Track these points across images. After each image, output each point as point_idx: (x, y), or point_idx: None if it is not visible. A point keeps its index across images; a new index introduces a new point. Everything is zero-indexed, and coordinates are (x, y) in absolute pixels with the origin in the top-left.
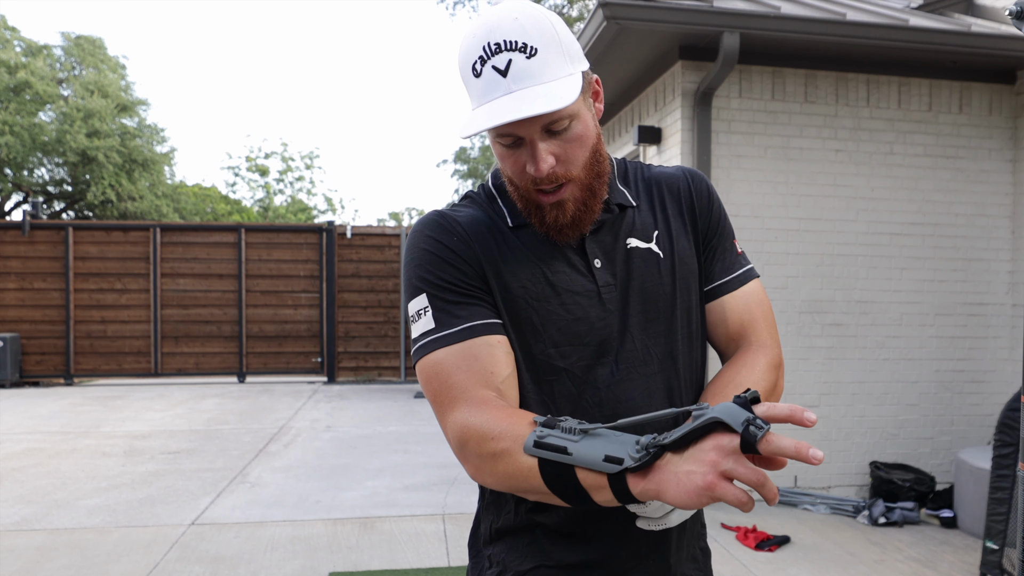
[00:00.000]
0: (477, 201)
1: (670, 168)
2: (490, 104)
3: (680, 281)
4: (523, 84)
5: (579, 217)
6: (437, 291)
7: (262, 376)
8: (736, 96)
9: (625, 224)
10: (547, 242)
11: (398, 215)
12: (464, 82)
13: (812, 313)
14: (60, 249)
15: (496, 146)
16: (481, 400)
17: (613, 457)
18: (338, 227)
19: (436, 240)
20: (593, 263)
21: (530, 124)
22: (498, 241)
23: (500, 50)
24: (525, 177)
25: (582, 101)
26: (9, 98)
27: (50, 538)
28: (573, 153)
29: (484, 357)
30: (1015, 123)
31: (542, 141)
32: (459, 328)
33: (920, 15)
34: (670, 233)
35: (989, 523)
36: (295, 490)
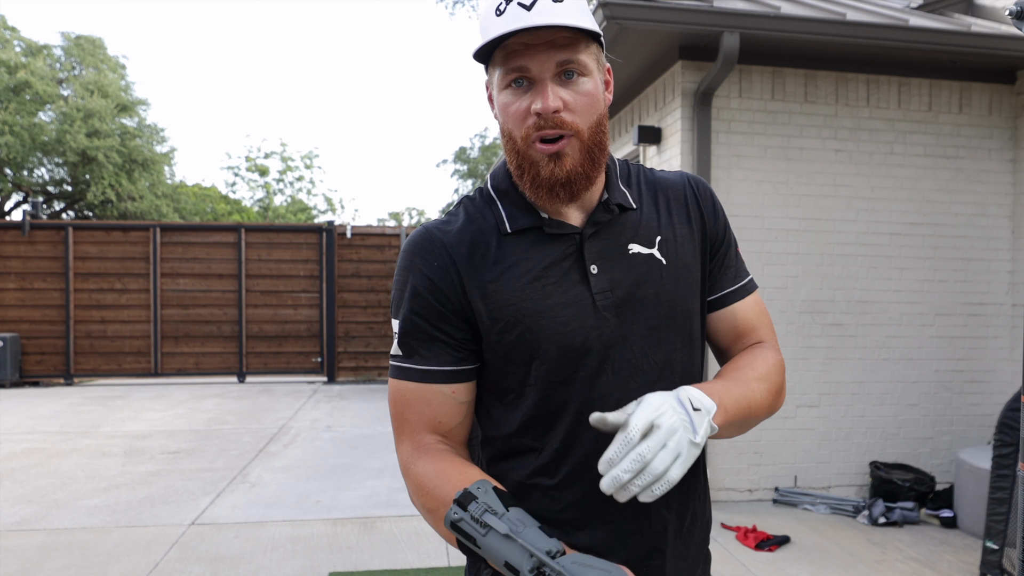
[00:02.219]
0: (473, 206)
1: (672, 173)
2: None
3: (682, 289)
4: (545, 19)
5: (575, 177)
6: (409, 325)
7: (262, 376)
8: (736, 96)
9: (627, 228)
10: (542, 247)
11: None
12: (483, 30)
13: (812, 313)
14: (60, 249)
15: (502, 96)
16: (425, 447)
17: (511, 566)
18: (338, 227)
19: (418, 268)
20: (590, 269)
21: (544, 58)
22: (489, 254)
23: None
24: (527, 121)
25: (596, 68)
26: (9, 98)
27: (50, 538)
28: (581, 106)
29: (437, 404)
30: (1015, 123)
31: (553, 84)
32: (420, 368)
33: (920, 15)
34: (675, 239)
35: (989, 523)
36: (295, 490)
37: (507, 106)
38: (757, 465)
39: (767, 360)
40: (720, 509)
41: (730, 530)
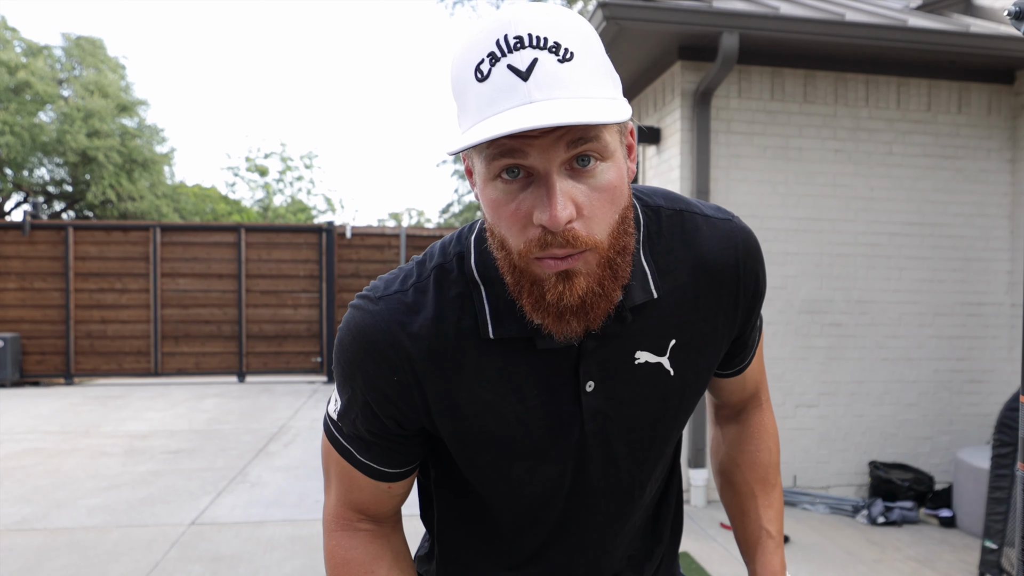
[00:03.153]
0: (448, 289)
1: (721, 239)
2: (500, 116)
3: (686, 402)
4: (551, 94)
5: (590, 301)
6: (362, 415)
7: (262, 376)
8: (735, 96)
9: (636, 330)
10: (530, 360)
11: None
12: (458, 95)
13: (811, 313)
14: (60, 249)
15: (489, 189)
16: (345, 523)
17: None
18: (338, 227)
19: (372, 378)
20: (585, 387)
21: (550, 147)
22: (463, 366)
23: (521, 45)
24: (527, 232)
25: (619, 144)
26: (9, 98)
27: (50, 538)
28: (600, 208)
29: (367, 492)
30: (1014, 123)
31: (561, 180)
32: (358, 458)
33: (919, 15)
34: (692, 342)
35: (988, 522)
36: (295, 490)
37: (497, 204)
38: None
39: (772, 448)
40: (720, 509)
41: (729, 530)
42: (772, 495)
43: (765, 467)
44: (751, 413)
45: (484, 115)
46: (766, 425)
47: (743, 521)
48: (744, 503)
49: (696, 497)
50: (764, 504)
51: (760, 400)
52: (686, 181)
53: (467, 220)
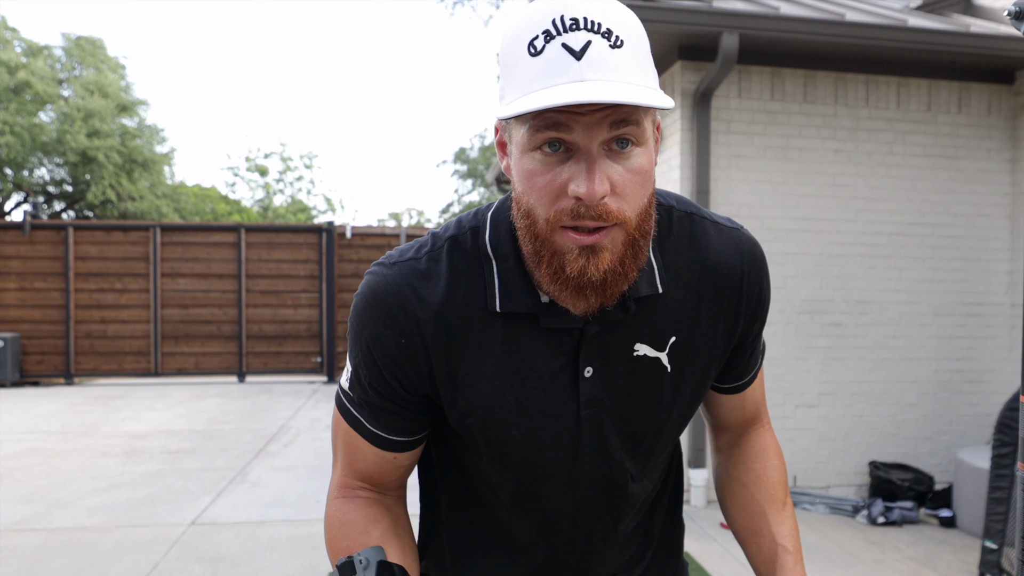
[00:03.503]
0: (461, 261)
1: (728, 245)
2: (553, 89)
3: (681, 402)
4: (601, 75)
5: (611, 279)
6: (361, 391)
7: (262, 376)
8: (735, 96)
9: (638, 321)
10: (534, 338)
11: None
12: (508, 66)
13: (811, 313)
14: (60, 249)
15: (527, 159)
16: (348, 490)
17: None
18: (338, 227)
19: (382, 338)
20: (583, 372)
21: (595, 125)
22: (469, 338)
23: (577, 27)
24: (558, 203)
25: (652, 133)
26: (9, 98)
27: (50, 538)
28: (631, 189)
29: (373, 462)
30: (1014, 123)
31: (600, 158)
32: (366, 426)
33: (919, 15)
34: (692, 342)
35: (988, 523)
36: (295, 490)
37: (532, 175)
38: None
39: (778, 466)
40: (719, 509)
41: (729, 530)
42: (784, 512)
43: (773, 484)
44: (753, 434)
45: (535, 87)
46: (770, 444)
47: (757, 541)
48: (756, 523)
49: (696, 497)
50: (777, 521)
51: (762, 422)
52: (686, 181)
53: None
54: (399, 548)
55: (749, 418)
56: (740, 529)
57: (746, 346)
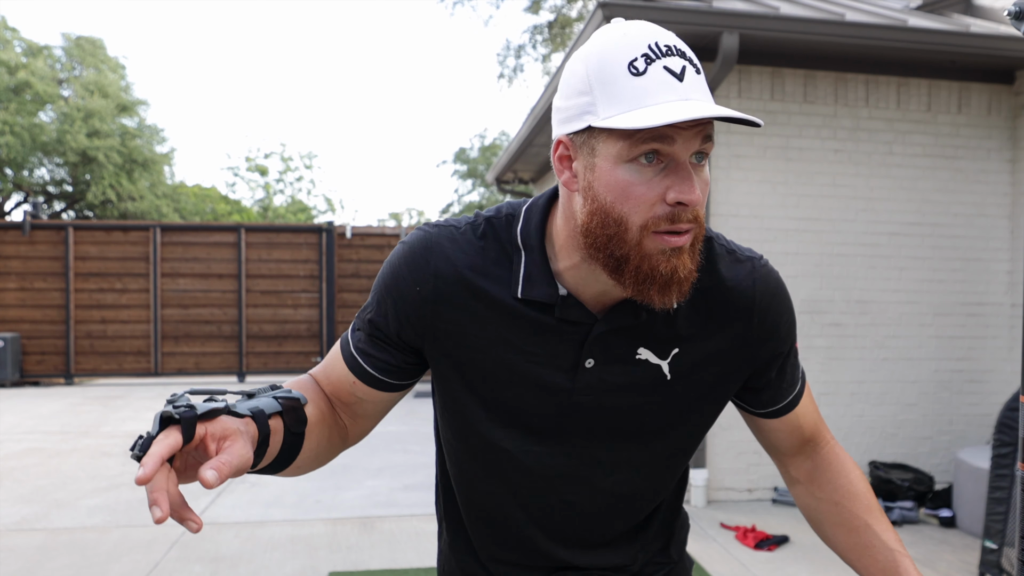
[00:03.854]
0: (496, 245)
1: (741, 272)
2: (666, 105)
3: (679, 410)
4: (699, 96)
5: (690, 276)
6: (373, 318)
7: (262, 376)
8: (735, 96)
9: (645, 329)
10: (544, 323)
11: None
12: (604, 84)
13: (811, 313)
14: (60, 249)
15: (621, 169)
16: (312, 379)
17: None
18: (338, 227)
19: (398, 279)
20: (584, 362)
21: (690, 139)
22: (480, 306)
23: (672, 53)
24: (655, 211)
25: None
26: (9, 98)
27: (50, 538)
28: (704, 196)
29: (336, 376)
30: (1014, 123)
31: (692, 169)
32: (354, 354)
33: (919, 15)
34: (696, 356)
35: (988, 523)
36: (295, 489)
37: (630, 185)
38: (757, 465)
39: (861, 476)
40: (720, 509)
41: (729, 530)
42: (884, 519)
43: (865, 495)
44: (824, 452)
45: (644, 103)
46: (845, 459)
47: (871, 554)
48: (863, 537)
49: (696, 497)
50: (882, 529)
51: (826, 437)
52: None
53: None
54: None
55: (808, 438)
56: (848, 547)
57: (768, 373)
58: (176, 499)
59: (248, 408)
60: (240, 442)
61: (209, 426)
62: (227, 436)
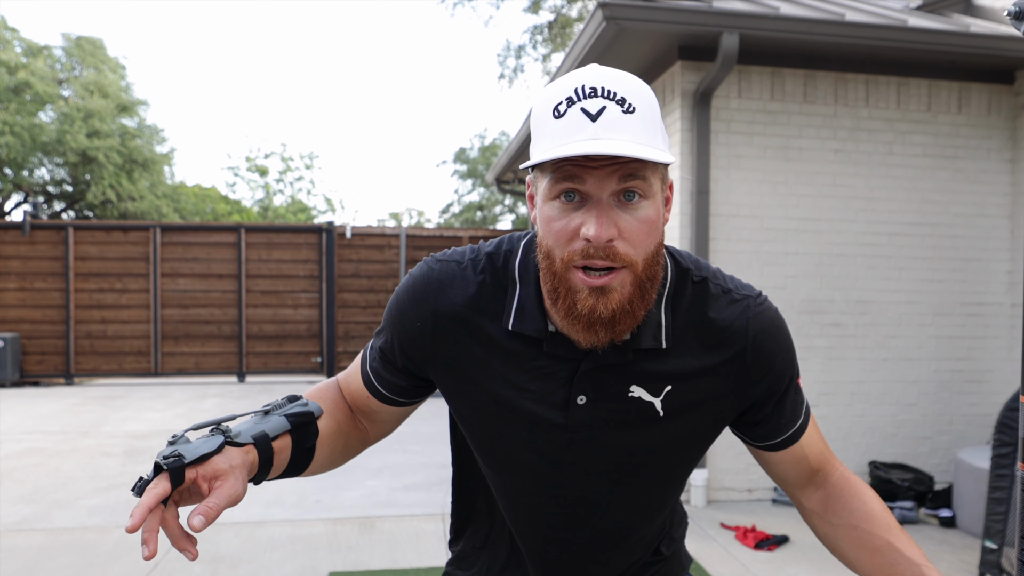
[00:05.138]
0: (491, 280)
1: (735, 311)
2: (569, 145)
3: (672, 447)
4: (612, 135)
5: (620, 316)
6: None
7: (262, 376)
8: (735, 96)
9: (637, 368)
10: (535, 358)
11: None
12: (536, 127)
13: (811, 313)
14: (60, 249)
15: (547, 207)
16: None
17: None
18: (338, 227)
19: (402, 314)
20: (576, 399)
21: (605, 178)
22: (477, 343)
23: (595, 95)
24: (572, 246)
25: (660, 188)
26: (9, 98)
27: (50, 538)
28: (638, 236)
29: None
30: (1014, 123)
31: (609, 207)
32: (368, 374)
33: (919, 15)
34: (690, 395)
35: (988, 523)
36: (295, 489)
37: (551, 220)
38: (756, 465)
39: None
40: (720, 509)
41: (729, 530)
42: (904, 536)
43: (882, 514)
44: (835, 478)
45: (555, 144)
46: (855, 481)
47: (899, 571)
48: (888, 556)
49: (696, 497)
50: (905, 546)
51: (835, 465)
52: (686, 181)
53: (467, 220)
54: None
55: (816, 469)
56: (874, 568)
57: (764, 409)
58: (175, 531)
59: (252, 435)
60: (230, 481)
61: (200, 469)
62: (218, 476)
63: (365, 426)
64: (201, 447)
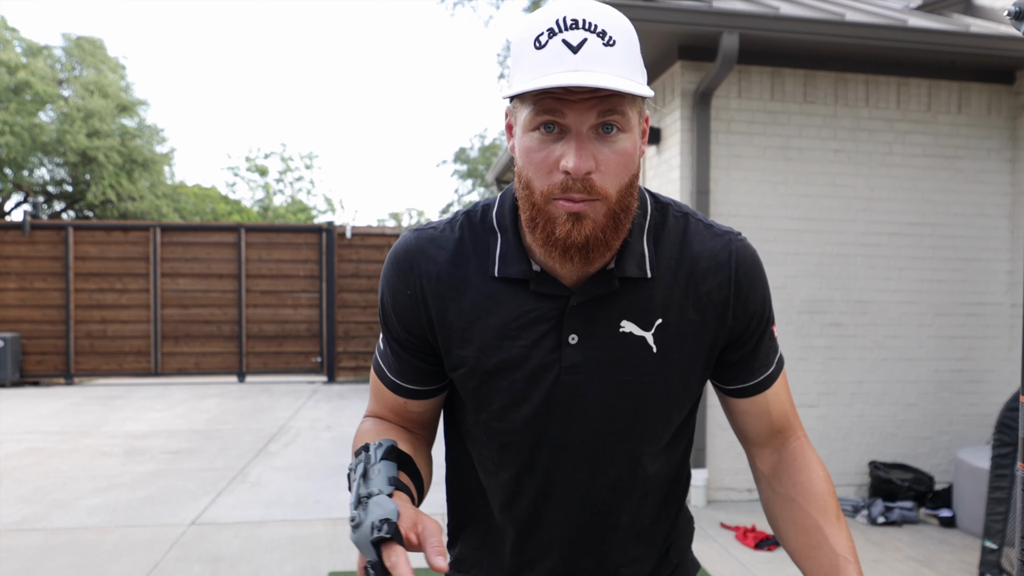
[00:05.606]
0: (470, 231)
1: (720, 243)
2: (550, 76)
3: (668, 384)
4: (593, 67)
5: (593, 243)
6: (386, 333)
7: (262, 376)
8: (735, 96)
9: (625, 299)
10: (525, 301)
11: (398, 215)
12: (516, 57)
13: (811, 313)
14: (60, 249)
15: (527, 138)
16: (379, 417)
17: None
18: (338, 227)
19: (392, 289)
20: (567, 339)
21: (585, 108)
22: (466, 296)
23: (576, 27)
24: (551, 177)
25: (637, 122)
26: (9, 98)
27: (50, 538)
28: (614, 168)
29: (391, 403)
30: (1014, 123)
31: (588, 140)
32: (385, 371)
33: (919, 15)
34: (679, 326)
35: (988, 523)
36: (295, 490)
37: (531, 151)
38: None
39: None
40: (719, 509)
41: (729, 530)
42: (839, 523)
43: (823, 496)
44: (792, 447)
45: (536, 75)
46: (811, 457)
47: (816, 556)
48: (812, 538)
49: (696, 497)
50: (833, 533)
51: (797, 433)
52: (686, 181)
53: None
54: (410, 445)
55: (778, 427)
56: (796, 546)
57: (743, 347)
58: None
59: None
60: (425, 520)
61: (402, 523)
62: (417, 520)
63: (419, 432)
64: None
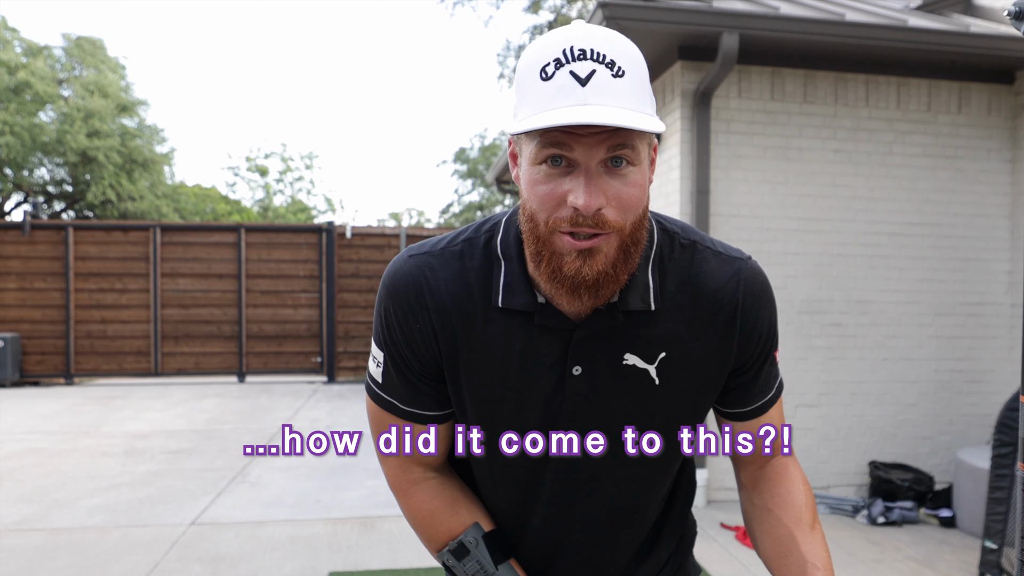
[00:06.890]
0: (472, 258)
1: (726, 273)
2: (558, 111)
3: (671, 415)
4: (602, 101)
5: (604, 279)
6: (392, 374)
7: (262, 376)
8: (735, 96)
9: (629, 332)
10: (529, 334)
11: (398, 215)
12: (522, 88)
13: (811, 313)
14: (60, 249)
15: (533, 170)
16: (415, 478)
17: None
18: (338, 227)
19: (401, 323)
20: (571, 370)
21: (594, 145)
22: (473, 327)
23: (584, 57)
24: (559, 212)
25: (647, 154)
26: (9, 98)
27: (50, 538)
28: (626, 201)
29: (418, 439)
30: (1014, 123)
31: (598, 175)
32: (402, 408)
33: (919, 15)
34: (684, 358)
35: (988, 523)
36: (295, 490)
37: (536, 184)
38: None
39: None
40: (720, 509)
41: (730, 530)
42: (813, 533)
43: (799, 506)
44: (775, 460)
45: (543, 108)
46: (792, 470)
47: (786, 563)
48: (783, 546)
49: (696, 497)
50: (805, 541)
51: (783, 451)
52: (686, 181)
53: (467, 220)
54: (481, 513)
55: (767, 448)
56: (769, 554)
57: (745, 372)
58: None
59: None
60: None
61: None
62: None
63: (447, 469)
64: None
